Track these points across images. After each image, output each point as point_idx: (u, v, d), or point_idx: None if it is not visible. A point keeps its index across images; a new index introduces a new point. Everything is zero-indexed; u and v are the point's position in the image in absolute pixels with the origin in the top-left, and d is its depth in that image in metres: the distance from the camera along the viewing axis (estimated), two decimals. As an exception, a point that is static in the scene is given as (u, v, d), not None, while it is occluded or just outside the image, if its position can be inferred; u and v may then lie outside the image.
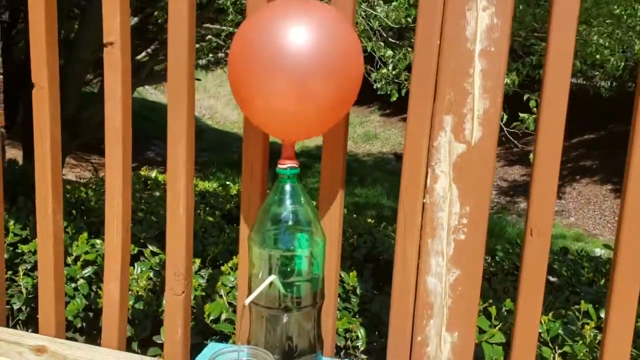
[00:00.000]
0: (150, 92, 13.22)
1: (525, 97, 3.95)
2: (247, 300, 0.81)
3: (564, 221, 7.02)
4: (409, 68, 4.13)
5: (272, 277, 0.83)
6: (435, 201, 0.91)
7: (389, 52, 4.10)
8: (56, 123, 1.10)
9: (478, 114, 0.88)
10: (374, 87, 4.31)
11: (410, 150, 0.92)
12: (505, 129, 3.92)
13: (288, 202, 0.86)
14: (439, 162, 0.90)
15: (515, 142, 4.31)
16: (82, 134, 4.88)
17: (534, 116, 3.79)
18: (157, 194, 2.23)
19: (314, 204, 0.92)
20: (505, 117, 3.68)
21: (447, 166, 0.90)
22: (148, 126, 8.71)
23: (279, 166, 0.87)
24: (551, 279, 1.67)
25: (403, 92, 4.17)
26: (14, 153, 5.92)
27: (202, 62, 6.12)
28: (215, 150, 9.57)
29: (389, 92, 4.26)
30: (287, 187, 0.86)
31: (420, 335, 0.95)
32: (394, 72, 4.21)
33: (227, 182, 2.86)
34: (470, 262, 0.91)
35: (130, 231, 1.10)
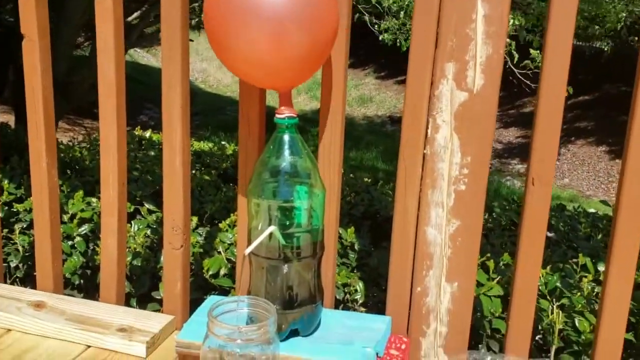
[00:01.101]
0: (142, 56, 13.02)
1: (527, 38, 3.84)
2: (247, 250, 0.80)
3: (558, 182, 7.04)
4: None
5: (272, 228, 0.82)
6: (436, 151, 0.90)
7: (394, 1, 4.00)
8: (48, 76, 1.08)
9: (480, 61, 0.86)
10: (380, 38, 4.21)
11: (411, 99, 0.90)
12: (516, 71, 3.83)
13: (287, 153, 0.85)
14: (440, 111, 0.89)
15: (528, 82, 4.21)
16: (74, 97, 4.82)
17: None
18: (152, 153, 2.21)
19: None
20: (517, 57, 3.57)
21: (448, 115, 0.89)
22: (140, 89, 8.60)
23: (277, 116, 0.85)
24: (548, 234, 1.68)
25: (409, 42, 4.09)
26: (6, 117, 5.85)
27: (194, 22, 6.01)
28: (209, 113, 9.48)
29: (397, 44, 4.15)
30: (286, 138, 0.85)
31: (420, 285, 0.95)
32: (399, 21, 4.12)
33: (223, 142, 2.84)
34: (471, 213, 0.91)
35: (126, 185, 1.09)
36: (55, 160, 1.13)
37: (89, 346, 1.00)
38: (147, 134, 2.63)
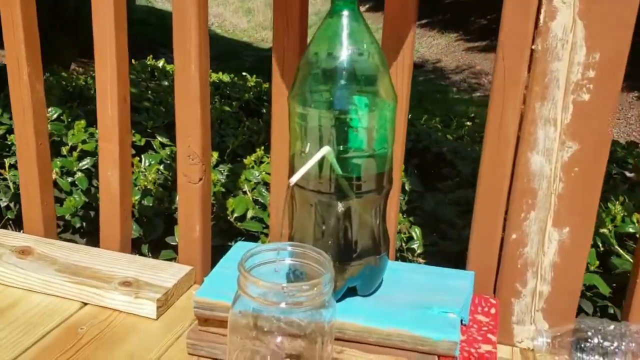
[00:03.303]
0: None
1: None
2: (293, 179, 0.57)
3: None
4: None
5: (326, 149, 0.59)
6: (550, 46, 0.65)
7: None
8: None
9: None
10: None
11: (517, -27, 0.64)
12: None
13: (345, 41, 0.60)
14: (559, -11, 0.63)
15: None
16: (84, 33, 4.56)
17: None
18: (166, 83, 1.98)
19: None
20: None
21: (571, -6, 0.63)
22: (155, 33, 8.30)
23: (332, -14, 0.60)
24: (628, 174, 1.43)
25: None
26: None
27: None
28: (225, 59, 9.18)
29: None
30: (345, 14, 0.60)
31: (516, 232, 0.71)
32: None
33: (244, 73, 2.59)
34: (594, 133, 0.66)
35: (128, 102, 0.85)
36: (41, 72, 0.90)
37: (85, 303, 0.79)
38: (160, 63, 2.38)
